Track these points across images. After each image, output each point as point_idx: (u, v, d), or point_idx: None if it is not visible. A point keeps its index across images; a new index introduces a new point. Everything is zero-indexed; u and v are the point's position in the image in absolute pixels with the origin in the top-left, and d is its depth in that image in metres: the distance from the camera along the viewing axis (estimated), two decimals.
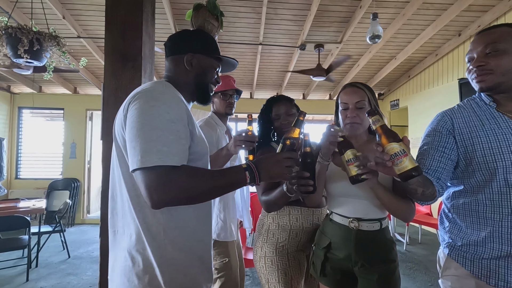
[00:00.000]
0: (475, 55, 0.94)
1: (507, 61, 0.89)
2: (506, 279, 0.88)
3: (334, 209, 1.20)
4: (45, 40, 2.31)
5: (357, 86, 1.16)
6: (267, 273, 1.35)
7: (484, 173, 0.93)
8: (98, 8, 3.34)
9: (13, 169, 5.49)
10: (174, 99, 0.85)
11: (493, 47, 0.89)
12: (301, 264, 1.37)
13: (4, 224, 2.96)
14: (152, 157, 0.74)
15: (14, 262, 3.30)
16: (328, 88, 5.84)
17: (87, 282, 3.00)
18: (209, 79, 1.03)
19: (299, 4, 3.37)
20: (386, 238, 1.15)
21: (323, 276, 1.18)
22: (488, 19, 3.57)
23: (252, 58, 4.59)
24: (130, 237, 0.85)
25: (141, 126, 0.77)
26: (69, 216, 5.27)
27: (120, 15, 1.56)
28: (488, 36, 0.91)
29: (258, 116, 1.55)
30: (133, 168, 0.76)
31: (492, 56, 0.90)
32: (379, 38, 3.11)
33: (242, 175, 0.84)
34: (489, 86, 0.92)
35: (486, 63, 0.90)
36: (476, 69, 0.92)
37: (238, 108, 6.67)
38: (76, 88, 5.58)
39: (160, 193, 0.73)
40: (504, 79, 0.89)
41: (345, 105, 1.14)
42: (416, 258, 3.64)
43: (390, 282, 1.10)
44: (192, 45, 1.00)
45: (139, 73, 1.56)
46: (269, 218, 1.42)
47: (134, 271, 0.83)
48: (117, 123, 0.89)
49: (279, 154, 0.90)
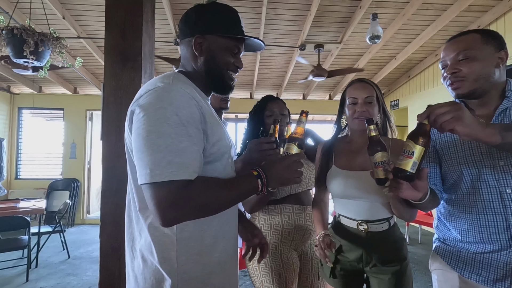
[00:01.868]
0: (448, 62, 0.96)
1: (478, 67, 0.90)
2: (479, 273, 0.94)
3: (341, 212, 1.19)
4: (50, 42, 2.32)
5: (366, 82, 1.16)
6: (261, 276, 1.33)
7: (453, 175, 1.00)
8: (98, 8, 3.34)
9: (13, 169, 5.49)
10: (183, 96, 0.74)
11: (466, 54, 0.91)
12: (294, 264, 1.37)
13: (4, 224, 2.96)
14: (163, 171, 0.66)
15: (14, 262, 3.30)
16: (328, 88, 5.84)
17: (87, 282, 3.00)
18: (225, 64, 0.86)
19: (299, 4, 3.37)
20: (396, 236, 1.14)
21: (333, 277, 1.18)
22: (488, 19, 3.57)
23: (252, 59, 4.59)
24: (144, 241, 0.81)
25: (147, 134, 0.68)
26: (69, 216, 5.27)
27: (120, 15, 1.56)
28: (459, 43, 0.94)
29: (250, 115, 1.55)
30: (141, 182, 0.69)
31: (465, 62, 0.91)
32: (379, 38, 3.11)
33: (255, 184, 0.78)
34: (465, 93, 0.93)
35: (459, 70, 0.92)
36: (451, 75, 0.94)
37: (238, 108, 6.65)
38: (76, 88, 5.58)
39: (171, 212, 0.67)
40: (477, 85, 0.91)
41: (354, 99, 1.13)
42: (416, 258, 3.64)
43: (402, 280, 1.10)
44: (202, 25, 0.84)
45: (139, 73, 1.57)
46: (260, 219, 1.40)
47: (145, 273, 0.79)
48: (126, 128, 0.82)
49: (287, 159, 0.84)
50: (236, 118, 6.35)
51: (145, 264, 0.80)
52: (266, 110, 1.47)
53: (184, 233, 0.78)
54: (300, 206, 1.40)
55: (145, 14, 1.61)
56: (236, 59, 0.88)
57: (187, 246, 0.78)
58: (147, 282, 0.79)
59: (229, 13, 0.87)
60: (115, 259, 1.54)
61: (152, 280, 0.78)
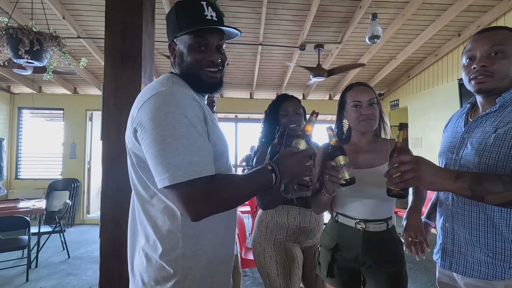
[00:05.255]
0: (478, 54, 0.90)
1: (507, 65, 0.88)
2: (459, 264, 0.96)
3: (339, 210, 1.20)
4: (46, 41, 2.31)
5: (367, 85, 1.19)
6: (267, 268, 1.41)
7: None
8: (98, 8, 3.34)
9: (13, 169, 5.49)
10: (186, 98, 0.76)
11: (499, 49, 0.87)
12: (298, 258, 1.44)
13: (4, 225, 2.96)
14: (186, 171, 0.69)
15: (14, 262, 3.30)
16: (328, 88, 5.84)
17: (87, 283, 3.00)
18: (195, 63, 0.83)
19: (299, 4, 3.37)
20: (393, 238, 1.15)
21: (330, 277, 1.18)
22: (488, 20, 3.57)
23: (252, 59, 4.59)
24: (147, 239, 0.82)
25: (163, 138, 0.70)
26: (69, 217, 5.27)
27: (120, 15, 1.57)
28: (494, 37, 0.89)
29: (266, 114, 1.57)
30: (164, 185, 0.70)
31: (497, 57, 0.88)
32: (379, 38, 3.11)
33: (269, 177, 0.81)
34: (489, 89, 0.90)
35: (490, 64, 0.88)
36: (479, 69, 0.89)
37: (238, 108, 6.61)
38: (76, 88, 5.58)
39: (201, 207, 0.70)
40: (502, 83, 0.89)
41: (358, 102, 1.14)
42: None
43: (398, 282, 1.11)
44: (171, 27, 0.84)
45: (139, 73, 1.57)
46: (268, 215, 1.46)
47: (149, 271, 0.80)
48: (127, 130, 0.83)
49: (299, 153, 0.89)
50: (236, 118, 6.35)
51: (149, 262, 0.80)
52: (281, 109, 1.49)
53: (189, 229, 0.80)
54: (306, 209, 1.45)
55: (145, 14, 1.61)
56: (207, 53, 0.83)
57: (192, 242, 0.80)
58: (152, 280, 0.79)
59: (189, 7, 0.82)
60: (115, 259, 1.54)
61: (157, 278, 0.79)
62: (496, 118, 0.89)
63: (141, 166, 0.81)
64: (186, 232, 0.79)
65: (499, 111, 0.90)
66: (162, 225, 0.79)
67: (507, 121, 0.86)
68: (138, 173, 0.82)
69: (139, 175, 0.82)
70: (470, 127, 0.96)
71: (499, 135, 0.85)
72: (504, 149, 0.83)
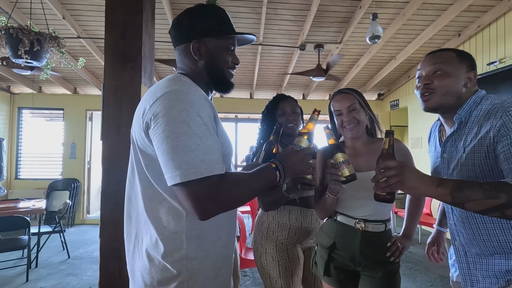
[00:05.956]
0: (424, 73, 1.00)
1: (448, 83, 0.95)
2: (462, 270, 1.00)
3: (339, 210, 1.21)
4: (46, 41, 2.31)
5: (345, 92, 1.22)
6: (268, 269, 1.40)
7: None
8: (98, 8, 3.34)
9: (13, 169, 5.49)
10: (199, 98, 0.77)
11: (440, 67, 0.96)
12: (299, 259, 1.44)
13: (4, 225, 2.96)
14: (198, 168, 0.69)
15: (14, 262, 3.30)
16: (328, 88, 5.84)
17: (87, 283, 3.00)
18: (225, 64, 0.91)
19: (299, 4, 3.37)
20: (389, 239, 1.18)
21: (327, 275, 1.20)
22: (488, 20, 3.57)
23: (252, 59, 4.59)
24: (150, 239, 0.81)
25: (176, 136, 0.70)
26: (69, 217, 5.27)
27: (120, 15, 1.57)
28: (438, 58, 0.98)
29: (263, 114, 1.57)
30: (175, 182, 0.70)
31: (438, 76, 0.96)
32: (379, 38, 3.11)
33: (274, 175, 0.83)
34: (433, 106, 0.98)
35: (431, 81, 0.97)
36: (423, 86, 0.99)
37: (238, 108, 6.60)
38: (76, 88, 5.58)
39: (210, 205, 0.71)
40: (444, 100, 0.96)
41: (339, 111, 1.19)
42: (416, 258, 3.65)
43: (391, 281, 1.13)
44: (197, 30, 0.88)
45: (139, 73, 1.57)
46: (269, 216, 1.45)
47: (151, 272, 0.80)
48: (135, 127, 0.83)
49: (301, 151, 0.91)
50: (236, 118, 6.36)
51: (152, 262, 0.80)
52: (278, 109, 1.49)
53: (193, 230, 0.80)
54: (308, 210, 1.45)
55: (145, 14, 1.61)
56: (233, 56, 0.93)
57: (196, 243, 0.80)
58: (154, 281, 0.79)
59: (219, 13, 0.91)
60: (115, 259, 1.55)
61: (160, 279, 0.79)
62: (461, 137, 0.96)
63: (148, 164, 0.80)
64: (190, 233, 0.80)
65: (461, 128, 0.96)
66: (167, 225, 0.79)
67: (469, 139, 0.92)
68: (144, 171, 0.81)
69: (144, 174, 0.81)
70: (445, 147, 1.02)
71: (468, 155, 0.91)
72: (476, 167, 0.89)
